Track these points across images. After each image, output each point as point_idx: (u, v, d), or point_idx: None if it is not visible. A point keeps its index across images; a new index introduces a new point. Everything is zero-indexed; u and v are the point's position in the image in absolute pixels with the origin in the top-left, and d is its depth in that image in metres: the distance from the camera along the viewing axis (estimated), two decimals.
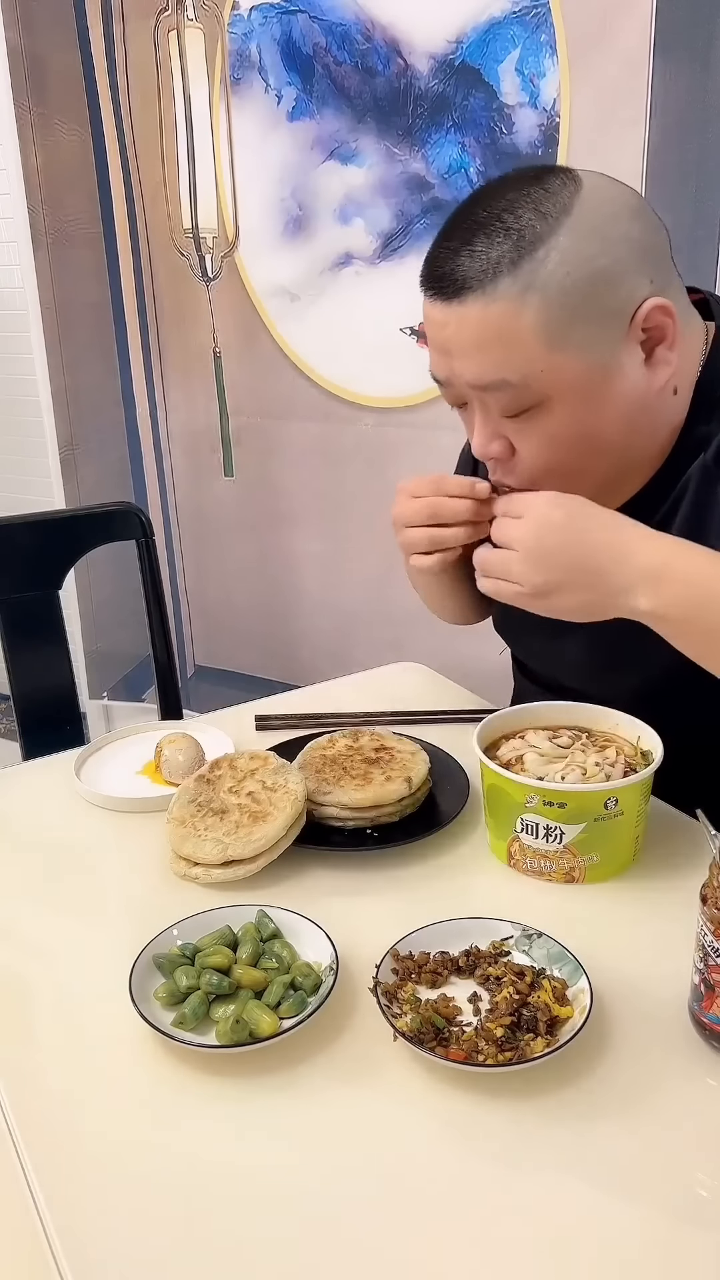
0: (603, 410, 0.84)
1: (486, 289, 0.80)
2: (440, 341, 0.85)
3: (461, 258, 0.81)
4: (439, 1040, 0.66)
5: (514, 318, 0.80)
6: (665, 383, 0.85)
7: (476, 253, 0.80)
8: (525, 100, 1.73)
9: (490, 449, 0.88)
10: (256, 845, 0.85)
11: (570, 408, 0.83)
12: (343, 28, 1.87)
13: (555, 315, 0.80)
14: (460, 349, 0.84)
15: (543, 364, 0.81)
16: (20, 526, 1.45)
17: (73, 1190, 0.59)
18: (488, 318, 0.80)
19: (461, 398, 0.89)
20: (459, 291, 0.81)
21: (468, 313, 0.81)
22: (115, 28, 2.12)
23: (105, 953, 0.78)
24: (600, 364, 0.82)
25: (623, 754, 0.88)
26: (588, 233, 0.80)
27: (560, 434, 0.85)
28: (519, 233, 0.79)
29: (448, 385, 0.88)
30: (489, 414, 0.87)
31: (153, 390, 2.39)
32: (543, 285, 0.79)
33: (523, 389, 0.82)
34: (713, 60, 1.54)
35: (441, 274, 0.82)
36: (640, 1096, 0.63)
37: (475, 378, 0.84)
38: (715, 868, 0.64)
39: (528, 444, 0.86)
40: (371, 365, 2.06)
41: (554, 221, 0.79)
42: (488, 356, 0.82)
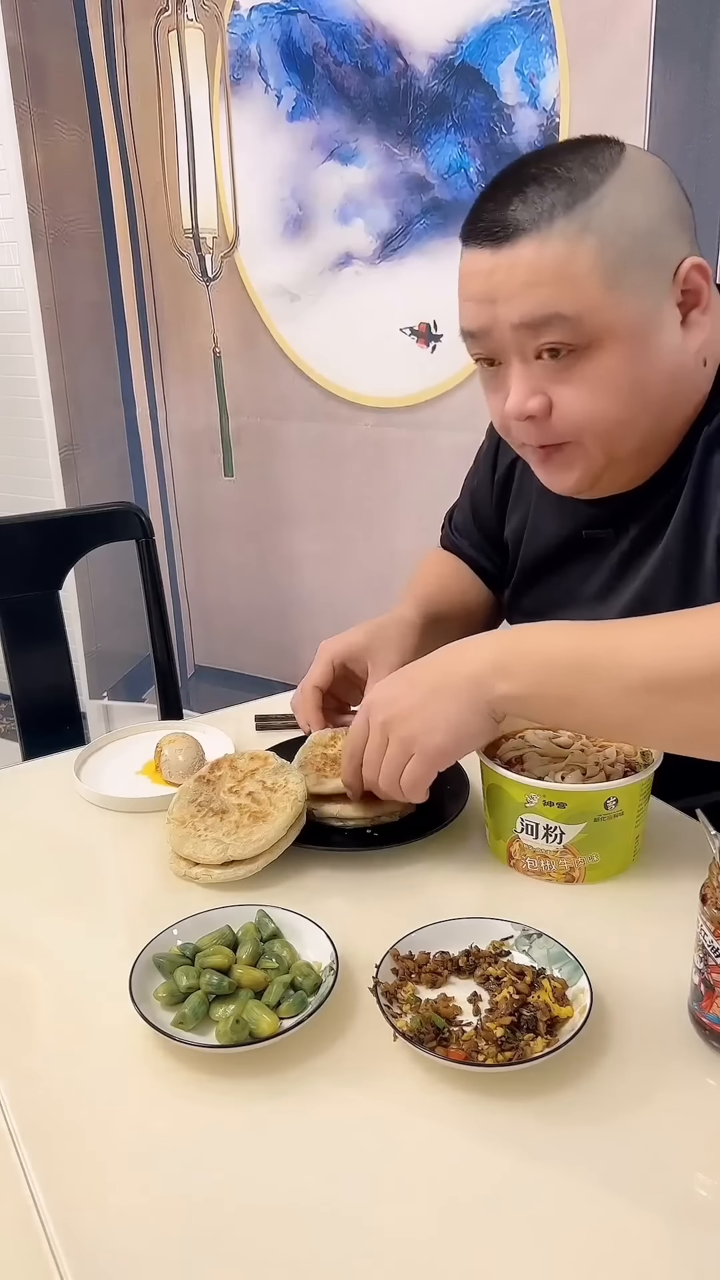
0: (649, 362, 0.84)
1: (541, 230, 0.80)
2: (484, 290, 0.84)
3: (514, 205, 0.81)
4: (439, 1040, 0.66)
5: (570, 257, 0.80)
6: (700, 348, 0.86)
7: (530, 200, 0.81)
8: (525, 100, 1.73)
9: (529, 405, 0.85)
10: (257, 845, 0.85)
11: (619, 353, 0.83)
12: (343, 28, 1.87)
13: (611, 257, 0.80)
14: (509, 292, 0.82)
15: (598, 302, 0.81)
16: (20, 526, 1.45)
17: (73, 1190, 0.59)
18: (542, 257, 0.80)
19: (496, 353, 0.87)
20: (511, 235, 0.81)
21: (520, 254, 0.81)
22: (115, 28, 2.12)
23: (105, 953, 0.78)
24: (649, 313, 0.83)
25: (623, 754, 0.88)
26: (636, 185, 0.82)
27: (608, 380, 0.84)
28: (572, 182, 0.80)
29: (484, 337, 0.86)
30: (529, 367, 0.85)
31: (153, 390, 2.39)
32: (598, 228, 0.80)
33: (576, 325, 0.81)
34: (713, 60, 1.54)
35: (491, 220, 0.82)
36: (640, 1096, 0.63)
37: (526, 314, 0.82)
38: (715, 868, 0.64)
39: (571, 393, 0.85)
40: (371, 365, 2.06)
41: (604, 173, 0.81)
42: (541, 292, 0.81)
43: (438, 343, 1.93)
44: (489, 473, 1.15)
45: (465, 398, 1.94)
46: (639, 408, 0.86)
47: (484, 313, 0.85)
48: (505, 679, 0.79)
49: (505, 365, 0.87)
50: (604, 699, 0.77)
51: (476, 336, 0.87)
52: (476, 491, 1.19)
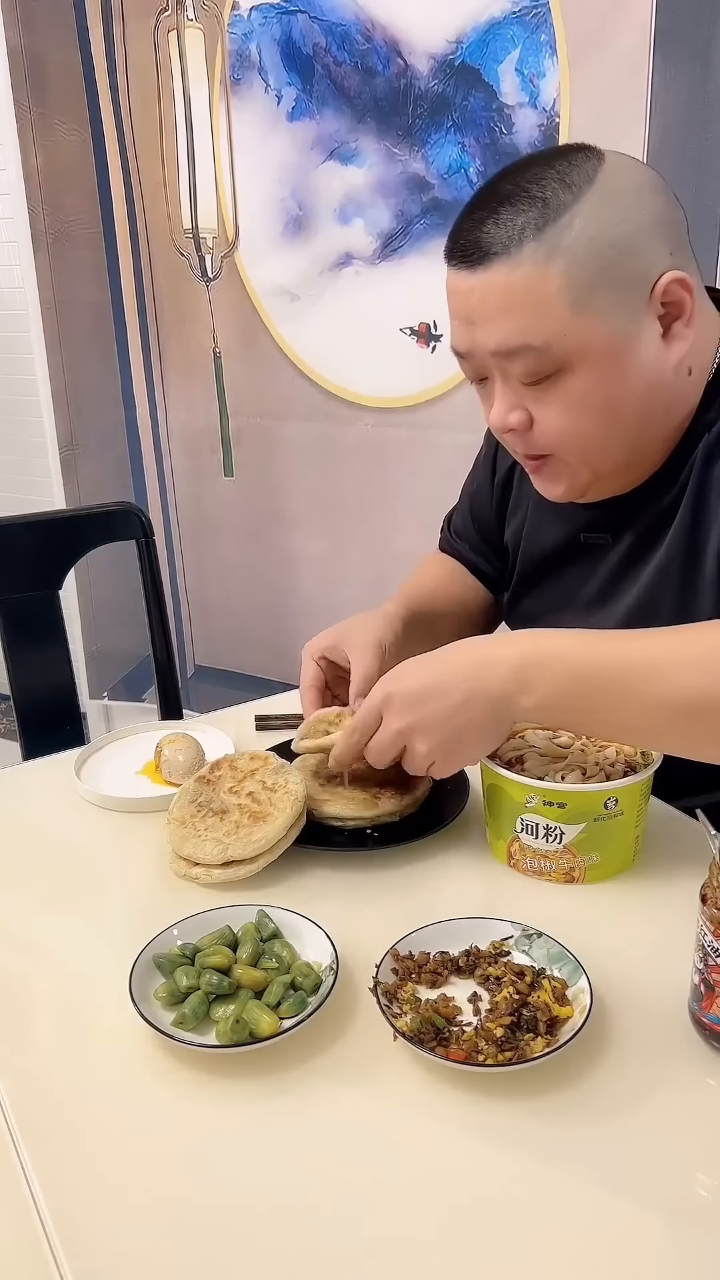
0: (623, 379, 0.85)
1: (511, 254, 0.81)
2: (464, 311, 0.86)
3: (487, 226, 0.82)
4: (439, 1040, 0.66)
5: (538, 281, 0.81)
6: (681, 360, 0.86)
7: (503, 221, 0.81)
8: (525, 100, 1.73)
9: (509, 419, 0.88)
10: (257, 845, 0.85)
11: (591, 374, 0.84)
12: (343, 28, 1.87)
13: (578, 279, 0.81)
14: (483, 316, 0.84)
15: (565, 328, 0.82)
16: (20, 526, 1.45)
17: (73, 1190, 0.59)
18: (512, 283, 0.82)
19: (482, 371, 0.89)
20: (484, 258, 0.82)
21: (493, 279, 0.82)
22: (115, 28, 2.12)
23: (105, 953, 0.78)
24: (621, 332, 0.83)
25: (623, 754, 0.88)
26: (610, 200, 0.81)
27: (580, 401, 0.85)
28: (544, 201, 0.81)
29: (469, 358, 0.89)
30: (509, 384, 0.87)
31: (153, 390, 2.39)
32: (567, 249, 0.80)
33: (545, 354, 0.83)
34: (713, 60, 1.54)
35: (467, 243, 0.83)
36: (640, 1096, 0.63)
37: (498, 344, 0.84)
38: (715, 868, 0.64)
39: (548, 412, 0.87)
40: (371, 365, 2.06)
41: (578, 190, 0.81)
42: (511, 321, 0.83)
43: (438, 343, 1.93)
44: (488, 476, 1.16)
45: (465, 398, 1.94)
46: (615, 424, 0.87)
47: (466, 335, 0.87)
48: (527, 693, 0.79)
49: (490, 381, 0.89)
50: (627, 714, 0.78)
51: (463, 357, 0.90)
52: (475, 495, 1.19)
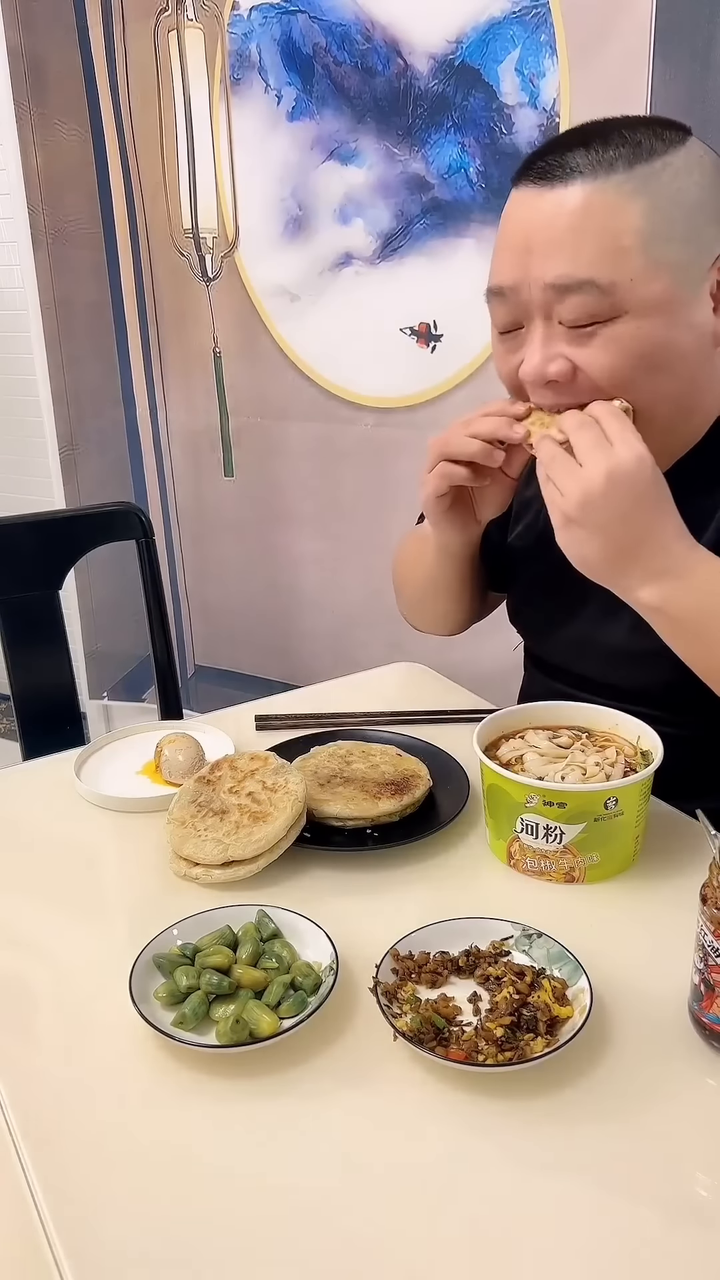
0: (674, 338, 0.83)
1: (599, 178, 0.79)
2: (524, 235, 0.83)
3: (576, 151, 0.80)
4: (439, 1040, 0.66)
5: (618, 214, 0.79)
6: None
7: (593, 149, 0.80)
8: (525, 100, 1.73)
9: (551, 368, 0.84)
10: (257, 846, 0.85)
11: (645, 326, 0.82)
12: (343, 28, 1.87)
13: (658, 225, 0.80)
14: (549, 240, 0.81)
15: (634, 271, 0.80)
16: (20, 526, 1.45)
17: (73, 1190, 0.59)
18: (592, 206, 0.79)
19: (519, 317, 0.86)
20: (568, 175, 0.80)
21: (571, 197, 0.80)
22: (115, 28, 2.12)
23: (105, 953, 0.78)
24: (680, 293, 0.82)
25: (623, 754, 0.88)
26: (697, 165, 0.82)
27: (632, 347, 0.82)
28: (638, 144, 0.80)
29: (512, 293, 0.85)
30: (552, 329, 0.84)
31: (153, 390, 2.39)
32: (654, 192, 0.80)
33: (606, 293, 0.80)
34: (713, 60, 1.54)
35: (549, 161, 0.81)
36: (640, 1096, 0.63)
37: (560, 275, 0.81)
38: (715, 868, 0.64)
39: (598, 355, 0.83)
40: (371, 365, 2.06)
41: (670, 144, 0.81)
42: (581, 249, 0.80)
43: (438, 343, 1.93)
44: None
45: (465, 398, 1.94)
46: (661, 380, 0.84)
47: (518, 265, 0.83)
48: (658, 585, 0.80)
49: (527, 328, 0.86)
50: None
51: (504, 295, 0.86)
52: None
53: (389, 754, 1.01)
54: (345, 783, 0.95)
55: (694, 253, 0.82)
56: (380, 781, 0.95)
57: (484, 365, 1.88)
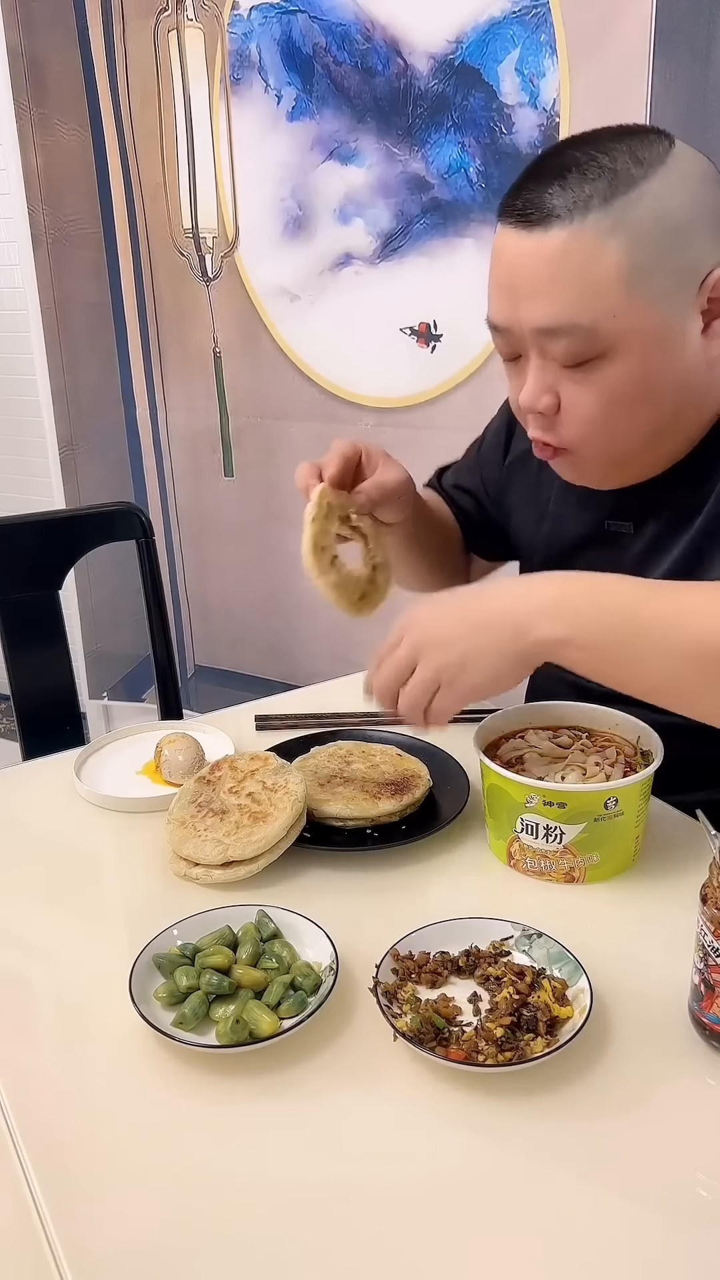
0: (662, 370, 0.83)
1: (575, 220, 0.78)
2: (510, 279, 0.83)
3: (553, 189, 0.79)
4: (439, 1040, 0.66)
5: (597, 255, 0.79)
6: (717, 356, 0.85)
7: (570, 186, 0.79)
8: (525, 100, 1.73)
9: (540, 402, 0.86)
10: (257, 846, 0.85)
11: (634, 361, 0.82)
12: (343, 28, 1.87)
13: (639, 259, 0.79)
14: (532, 286, 0.82)
15: (617, 309, 0.80)
16: (20, 526, 1.45)
17: (73, 1190, 0.59)
18: (570, 251, 0.79)
19: (517, 349, 0.87)
20: (545, 219, 0.79)
21: (549, 242, 0.79)
22: (115, 28, 2.12)
23: (105, 953, 0.78)
24: (667, 322, 0.81)
25: (623, 754, 0.88)
26: (679, 184, 0.79)
27: (618, 388, 0.83)
28: (614, 173, 0.78)
29: (507, 332, 0.86)
30: (545, 364, 0.85)
31: (153, 390, 2.39)
32: (632, 226, 0.78)
33: (591, 335, 0.81)
34: (713, 60, 1.54)
35: (528, 201, 0.81)
36: (640, 1096, 0.63)
37: (544, 320, 0.82)
38: (715, 868, 0.64)
39: (582, 397, 0.85)
40: (371, 365, 2.06)
41: (649, 168, 0.79)
42: (561, 295, 0.80)
43: (438, 343, 1.93)
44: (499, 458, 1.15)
45: (465, 398, 1.94)
46: (641, 416, 0.86)
47: (507, 307, 0.85)
48: (553, 621, 0.77)
49: (524, 359, 0.87)
50: (651, 660, 0.76)
51: (501, 331, 0.87)
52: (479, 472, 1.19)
53: (389, 754, 1.01)
54: (345, 783, 0.95)
55: (680, 278, 0.81)
56: (380, 781, 0.95)
57: (484, 365, 1.88)
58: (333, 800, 0.92)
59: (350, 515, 0.99)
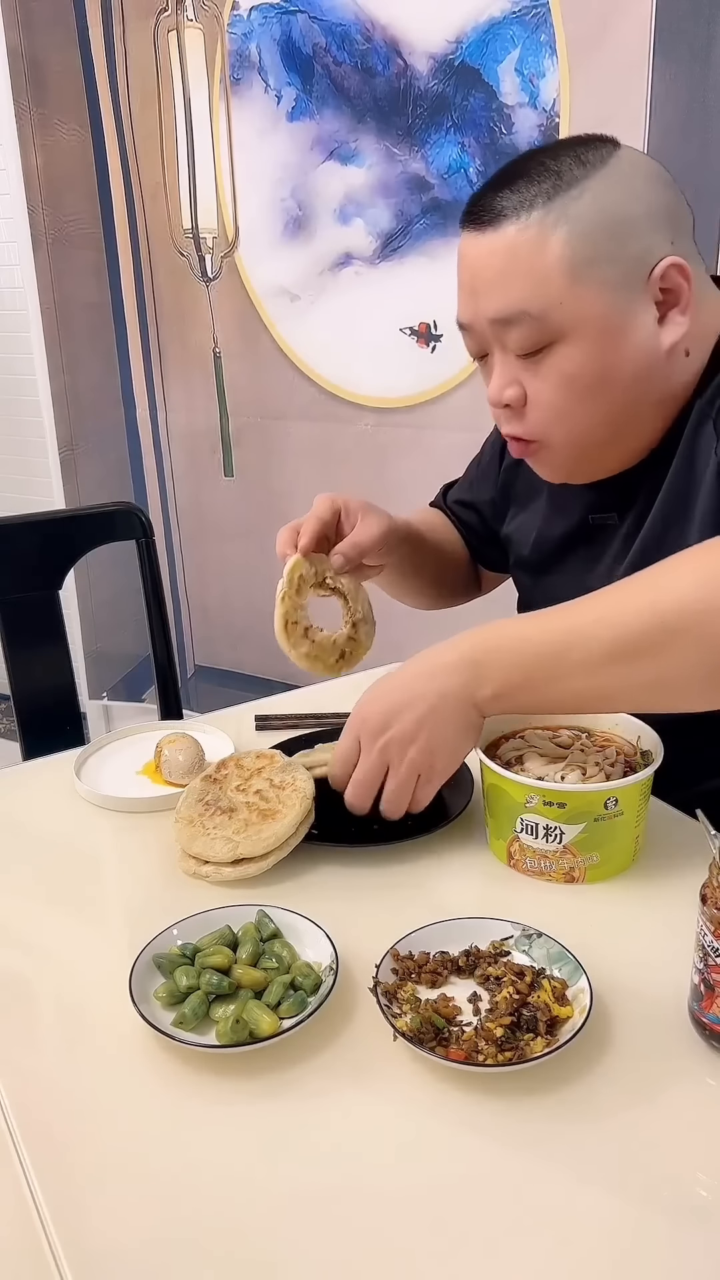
0: (615, 358, 0.87)
1: (520, 218, 0.84)
2: (469, 278, 0.89)
3: (504, 193, 0.85)
4: (439, 1040, 0.66)
5: (541, 247, 0.84)
6: (674, 345, 0.88)
7: (518, 189, 0.85)
8: (525, 100, 1.73)
9: (505, 394, 0.91)
10: (267, 843, 0.85)
11: (585, 347, 0.86)
12: (342, 28, 1.87)
13: (580, 249, 0.83)
14: (486, 281, 0.87)
15: (562, 296, 0.84)
16: (20, 526, 1.45)
17: (73, 1190, 0.59)
18: (516, 245, 0.84)
19: (483, 346, 0.92)
20: (496, 219, 0.85)
21: (498, 241, 0.85)
22: (115, 28, 2.12)
23: (105, 953, 0.78)
24: (616, 311, 0.85)
25: (623, 754, 0.88)
26: (620, 182, 0.85)
27: (573, 374, 0.87)
28: (558, 174, 0.84)
29: (470, 329, 0.91)
30: (506, 358, 0.90)
31: (153, 390, 2.39)
32: (573, 219, 0.83)
33: (541, 322, 0.85)
34: (713, 60, 1.54)
35: (482, 206, 0.87)
36: (640, 1096, 0.63)
37: (497, 311, 0.87)
38: (715, 868, 0.64)
39: (542, 386, 0.89)
40: (371, 365, 2.06)
41: (591, 168, 0.84)
42: (511, 287, 0.86)
43: (438, 343, 1.93)
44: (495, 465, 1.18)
45: (465, 398, 1.94)
46: (602, 403, 0.89)
47: (470, 305, 0.90)
48: (483, 684, 0.81)
49: (490, 356, 0.92)
50: (575, 680, 0.79)
51: (466, 329, 0.92)
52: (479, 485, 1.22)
53: None
54: None
55: (626, 268, 0.85)
56: None
57: None
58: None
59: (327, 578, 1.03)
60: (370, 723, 0.84)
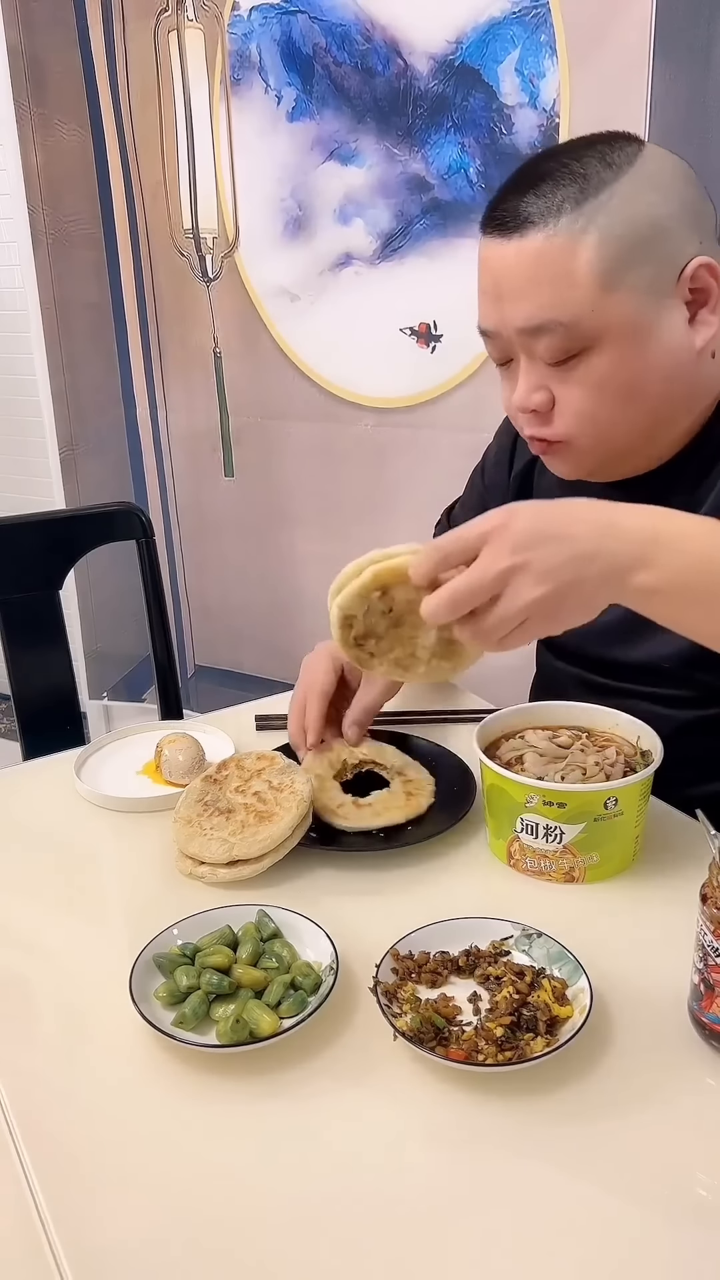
0: (645, 362, 0.85)
1: (549, 224, 0.82)
2: (493, 285, 0.87)
3: (528, 198, 0.84)
4: (439, 1040, 0.66)
5: (570, 254, 0.82)
6: (705, 345, 0.87)
7: (543, 194, 0.83)
8: (525, 100, 1.73)
9: (532, 400, 0.89)
10: (262, 845, 0.85)
11: (615, 354, 0.85)
12: (343, 28, 1.87)
13: (610, 255, 0.82)
14: (513, 288, 0.85)
15: (594, 304, 0.83)
16: (20, 526, 1.45)
17: (73, 1190, 0.59)
18: (545, 252, 0.83)
19: (507, 352, 0.90)
20: (521, 226, 0.83)
21: (526, 247, 0.83)
22: (115, 28, 2.12)
23: (105, 953, 0.78)
24: (647, 314, 0.84)
25: (622, 754, 0.88)
26: (648, 183, 0.83)
27: (605, 380, 0.86)
28: (585, 177, 0.83)
29: (495, 337, 0.90)
30: (534, 364, 0.88)
31: (153, 390, 2.39)
32: (603, 224, 0.82)
33: (572, 330, 0.84)
34: (713, 60, 1.54)
35: (504, 211, 0.85)
36: (640, 1096, 0.64)
37: (526, 320, 0.85)
38: (715, 868, 0.64)
39: (572, 391, 0.87)
40: (371, 365, 2.06)
41: (618, 170, 0.83)
42: (540, 295, 0.84)
43: (438, 343, 1.93)
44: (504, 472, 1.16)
45: (465, 398, 1.94)
46: (634, 407, 0.88)
47: (493, 312, 0.88)
48: (648, 568, 0.69)
49: (515, 361, 0.90)
50: None
51: (489, 336, 0.90)
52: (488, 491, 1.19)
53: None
54: None
55: (655, 271, 0.84)
56: None
57: (484, 365, 1.87)
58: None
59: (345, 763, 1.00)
60: (513, 531, 0.69)
